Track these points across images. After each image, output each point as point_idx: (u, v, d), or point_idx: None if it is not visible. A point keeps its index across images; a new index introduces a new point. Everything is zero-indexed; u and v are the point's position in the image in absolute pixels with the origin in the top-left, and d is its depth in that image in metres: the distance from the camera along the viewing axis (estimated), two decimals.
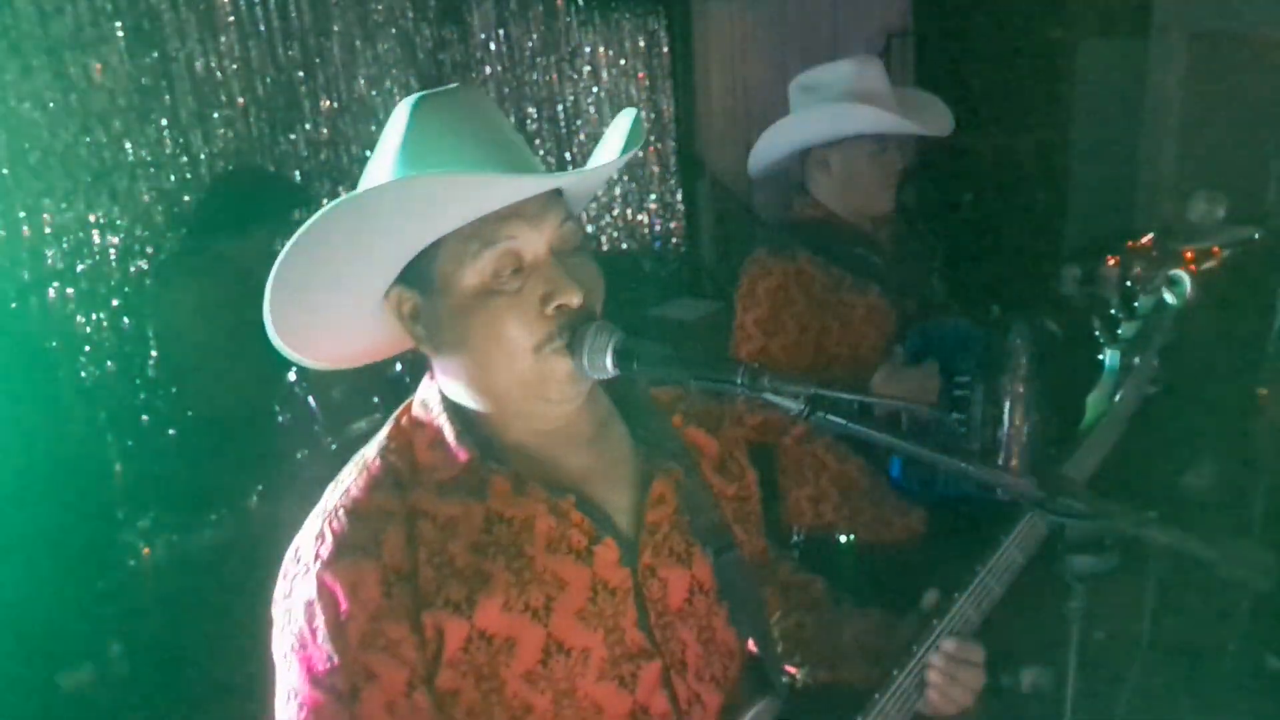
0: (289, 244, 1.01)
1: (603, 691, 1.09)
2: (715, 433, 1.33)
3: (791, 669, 1.40)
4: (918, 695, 1.26)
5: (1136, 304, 1.59)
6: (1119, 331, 1.60)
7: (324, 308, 1.10)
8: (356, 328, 1.17)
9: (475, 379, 1.11)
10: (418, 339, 1.12)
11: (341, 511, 1.07)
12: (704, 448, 1.30)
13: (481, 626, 1.05)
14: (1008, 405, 1.98)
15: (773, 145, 2.34)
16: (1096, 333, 1.61)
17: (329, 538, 1.05)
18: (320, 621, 1.02)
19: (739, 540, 1.27)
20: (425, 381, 1.19)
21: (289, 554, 1.09)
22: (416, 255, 1.07)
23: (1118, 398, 1.54)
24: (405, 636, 1.03)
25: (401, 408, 1.19)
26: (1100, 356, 1.60)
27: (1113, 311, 1.60)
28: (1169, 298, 1.59)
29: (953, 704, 1.26)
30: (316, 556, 1.05)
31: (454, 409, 1.13)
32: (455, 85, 1.15)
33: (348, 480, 1.11)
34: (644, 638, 1.13)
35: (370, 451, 1.15)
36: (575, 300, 1.07)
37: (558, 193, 1.11)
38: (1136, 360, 1.57)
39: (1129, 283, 1.62)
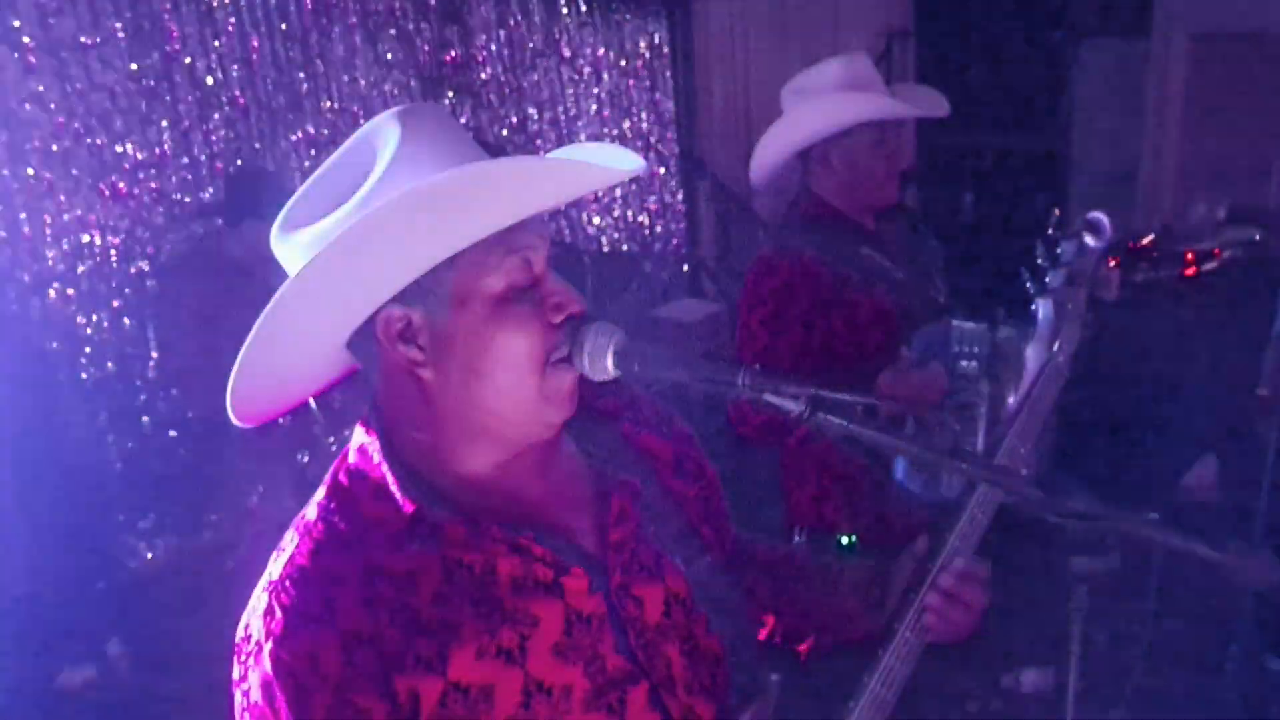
0: (308, 263, 0.96)
1: None
2: (666, 435, 1.28)
3: (803, 647, 1.38)
4: (905, 673, 1.23)
5: (1060, 250, 1.59)
6: (1047, 280, 1.59)
7: (293, 352, 1.06)
8: (314, 367, 1.12)
9: (473, 398, 1.06)
10: (410, 361, 1.05)
11: (288, 582, 1.01)
12: (658, 453, 1.26)
13: (455, 679, 1.00)
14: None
15: (772, 149, 2.34)
16: (1027, 284, 1.60)
17: (278, 612, 0.99)
18: (282, 701, 0.97)
19: (708, 541, 1.24)
20: (359, 429, 1.12)
21: (239, 632, 1.03)
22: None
23: (1055, 346, 1.54)
24: (374, 703, 0.97)
25: (336, 462, 1.13)
26: (1032, 307, 1.60)
27: (1039, 261, 1.59)
28: (1090, 240, 1.58)
29: (953, 626, 1.24)
30: (269, 634, 0.98)
31: (395, 455, 1.08)
32: (428, 103, 1.11)
33: (290, 548, 1.05)
34: (625, 661, 1.09)
35: (310, 514, 1.08)
36: (580, 309, 1.07)
37: None
38: (1068, 306, 1.56)
39: (1050, 230, 1.62)
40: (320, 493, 1.11)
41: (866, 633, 1.30)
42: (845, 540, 2.32)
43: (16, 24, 3.71)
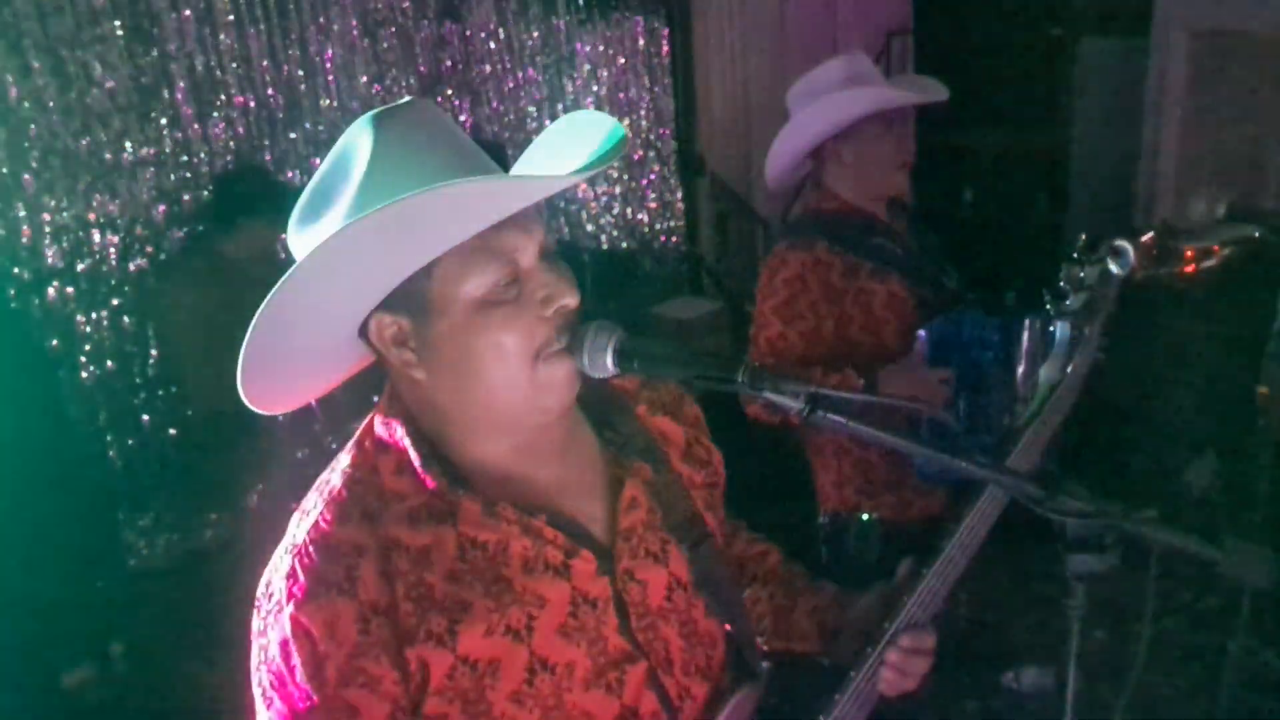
0: (285, 278, 0.98)
1: (590, 700, 1.10)
2: (679, 418, 1.32)
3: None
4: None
5: (1082, 275, 1.61)
6: (1067, 303, 1.62)
7: (297, 348, 1.08)
8: (319, 367, 1.15)
9: (468, 397, 1.08)
10: (404, 364, 1.08)
11: (312, 547, 1.05)
12: (670, 436, 1.29)
13: (464, 654, 1.04)
14: (1019, 400, 2.00)
15: (785, 152, 2.42)
16: (1047, 305, 1.63)
17: (301, 575, 1.03)
18: (298, 661, 1.01)
19: (711, 527, 1.27)
20: (385, 403, 1.15)
21: (260, 590, 1.07)
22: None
23: (1069, 368, 1.57)
24: (385, 672, 1.02)
25: (362, 429, 1.17)
26: (1051, 329, 1.63)
27: (1061, 284, 1.62)
28: (1114, 267, 1.61)
29: (900, 688, 1.28)
30: (290, 595, 1.03)
31: (417, 433, 1.11)
32: (409, 100, 1.12)
33: (315, 512, 1.09)
34: (626, 643, 1.13)
35: (336, 480, 1.12)
36: (573, 301, 1.08)
37: None
38: (1086, 330, 1.60)
39: (1074, 254, 1.65)
40: (345, 459, 1.14)
41: (810, 652, 1.36)
42: (865, 518, 2.38)
43: (15, 21, 3.71)
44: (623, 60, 5.93)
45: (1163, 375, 3.90)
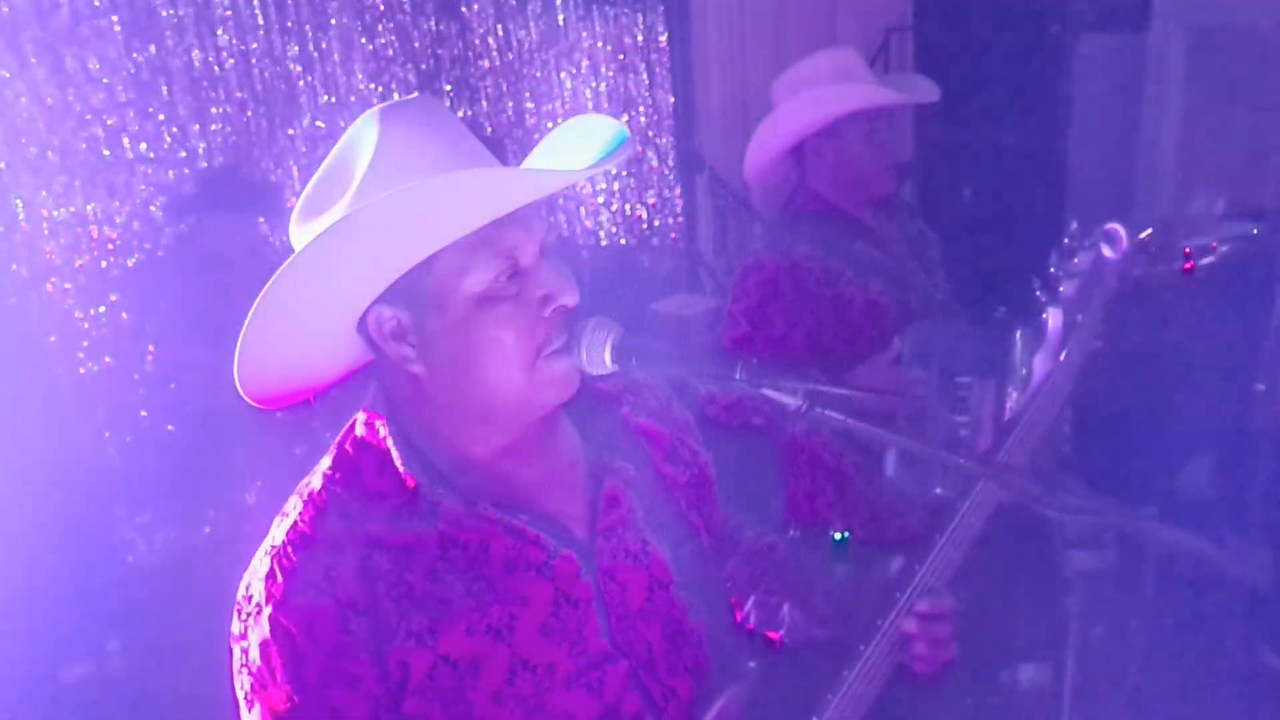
0: (284, 267, 0.98)
1: (571, 700, 1.10)
2: (664, 421, 1.32)
3: (773, 634, 1.41)
4: (887, 667, 1.26)
5: (1075, 260, 1.59)
6: (1060, 290, 1.59)
7: (295, 341, 1.08)
8: (316, 361, 1.15)
9: (465, 392, 1.08)
10: (402, 358, 1.08)
11: (290, 548, 1.05)
12: (654, 438, 1.29)
13: (445, 652, 1.04)
14: (1009, 403, 1.98)
15: (764, 146, 2.34)
16: (1038, 293, 1.60)
17: (279, 577, 1.04)
18: (279, 662, 1.01)
19: (696, 528, 1.27)
20: (371, 401, 1.16)
21: (240, 592, 1.08)
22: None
23: (1063, 356, 1.54)
24: (366, 670, 1.02)
25: (343, 432, 1.17)
26: (1043, 316, 1.59)
27: (1052, 270, 1.60)
28: (1107, 252, 1.59)
29: (935, 658, 1.26)
30: (270, 597, 1.03)
31: (401, 433, 1.11)
32: (415, 95, 1.12)
33: (294, 514, 1.09)
34: (607, 643, 1.13)
35: (315, 482, 1.12)
36: (572, 300, 1.08)
37: None
38: (1079, 317, 1.56)
39: (1067, 240, 1.62)
40: (326, 462, 1.15)
41: (833, 637, 1.35)
42: (838, 536, 2.32)
43: (12, 16, 3.70)
44: (621, 56, 5.92)
45: (1160, 372, 3.89)
